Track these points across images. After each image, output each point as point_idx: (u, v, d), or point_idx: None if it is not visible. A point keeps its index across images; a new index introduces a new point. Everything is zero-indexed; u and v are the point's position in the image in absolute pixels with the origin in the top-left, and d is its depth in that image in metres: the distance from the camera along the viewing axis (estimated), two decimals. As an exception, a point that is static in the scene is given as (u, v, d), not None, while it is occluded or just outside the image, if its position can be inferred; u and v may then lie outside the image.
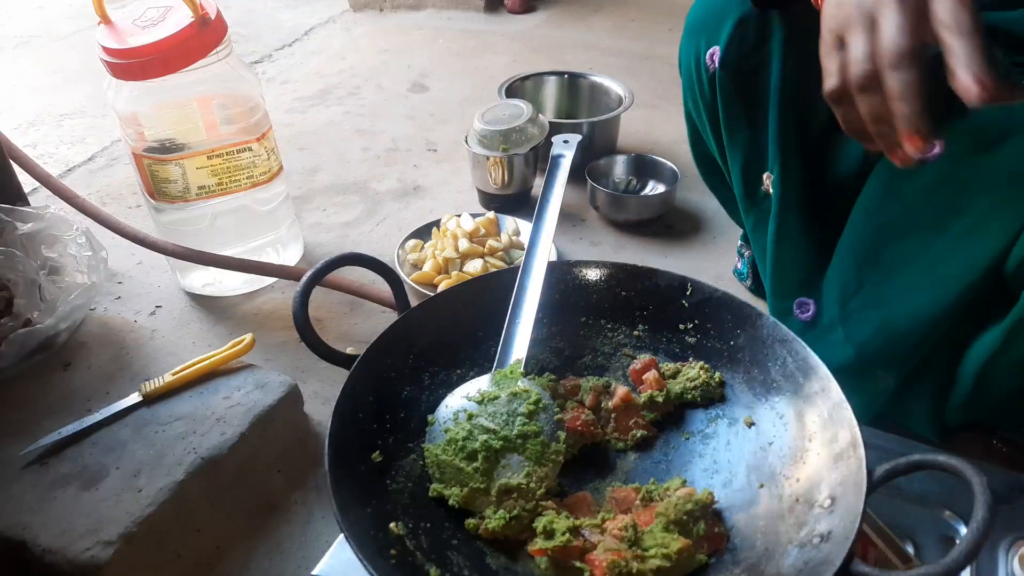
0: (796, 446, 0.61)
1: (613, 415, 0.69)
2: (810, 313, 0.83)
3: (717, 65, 0.84)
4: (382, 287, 1.09)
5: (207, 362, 0.87)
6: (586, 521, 0.59)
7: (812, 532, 0.53)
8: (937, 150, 0.48)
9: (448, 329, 0.73)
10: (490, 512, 0.60)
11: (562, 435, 0.65)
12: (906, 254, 0.72)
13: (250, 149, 1.06)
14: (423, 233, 1.26)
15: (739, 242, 1.19)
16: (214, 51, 0.98)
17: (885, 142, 0.51)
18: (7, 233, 0.95)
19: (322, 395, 0.99)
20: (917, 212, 0.70)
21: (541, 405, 0.66)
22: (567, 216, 1.36)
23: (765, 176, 0.85)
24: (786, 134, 0.81)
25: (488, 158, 1.30)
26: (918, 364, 0.76)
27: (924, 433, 0.80)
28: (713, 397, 0.70)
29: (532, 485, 0.61)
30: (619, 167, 1.43)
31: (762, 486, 0.61)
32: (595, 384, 0.72)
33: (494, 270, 1.13)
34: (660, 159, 1.39)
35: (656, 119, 1.71)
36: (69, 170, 1.59)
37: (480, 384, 0.68)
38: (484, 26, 2.33)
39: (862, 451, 0.54)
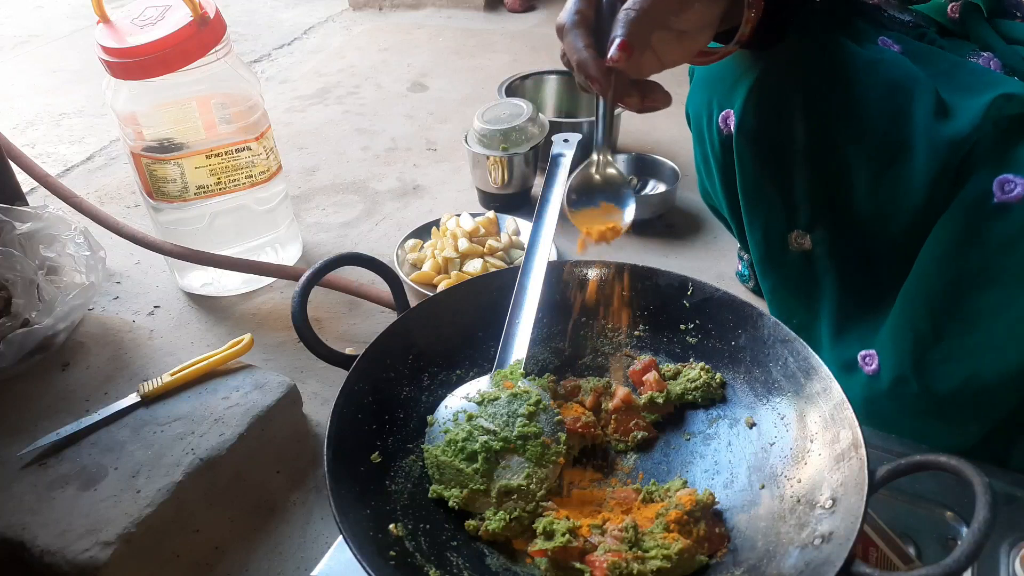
0: (797, 447, 0.61)
1: (613, 416, 0.69)
2: (874, 366, 0.77)
3: (733, 130, 0.79)
4: (381, 287, 1.08)
5: (206, 362, 0.87)
6: (586, 522, 0.59)
7: (813, 533, 0.53)
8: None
9: (447, 329, 0.73)
10: (490, 513, 0.60)
11: (562, 436, 0.65)
12: (990, 306, 0.67)
13: (249, 148, 1.05)
14: (422, 233, 1.25)
15: (738, 246, 1.19)
16: (213, 50, 0.98)
17: None
18: (5, 233, 0.95)
19: (321, 395, 0.99)
20: (1001, 261, 0.65)
21: (541, 406, 0.66)
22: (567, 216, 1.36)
23: (793, 235, 0.82)
24: (823, 188, 0.77)
25: (488, 157, 1.30)
26: (1014, 408, 0.72)
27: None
28: (714, 398, 0.69)
29: (532, 486, 0.61)
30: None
31: (763, 487, 0.60)
32: (595, 385, 0.71)
33: (494, 270, 1.13)
34: (660, 158, 1.39)
35: (656, 118, 1.70)
36: (67, 169, 1.59)
37: (480, 385, 0.68)
38: (484, 25, 2.32)
39: (864, 452, 0.54)
